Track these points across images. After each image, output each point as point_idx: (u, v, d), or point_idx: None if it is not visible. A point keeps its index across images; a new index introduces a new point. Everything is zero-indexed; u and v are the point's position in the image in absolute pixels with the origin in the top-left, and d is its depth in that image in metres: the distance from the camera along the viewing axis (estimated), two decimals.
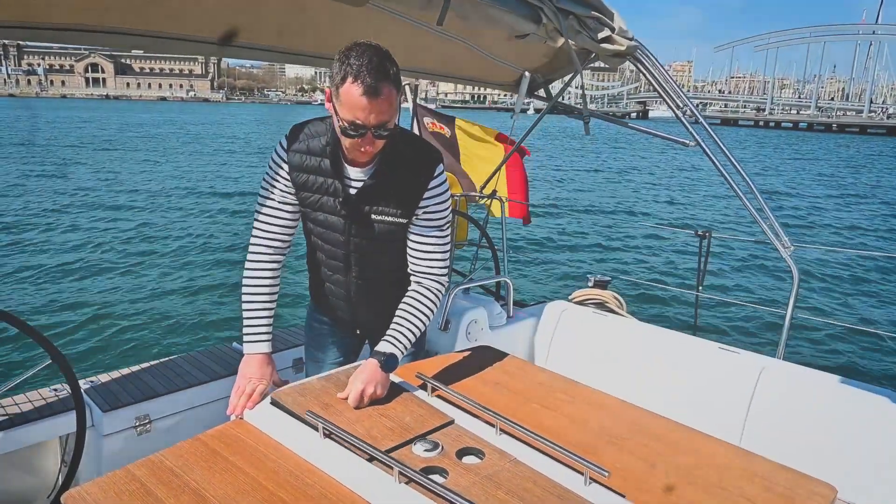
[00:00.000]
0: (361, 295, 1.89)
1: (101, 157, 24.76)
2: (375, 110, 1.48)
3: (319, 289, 1.97)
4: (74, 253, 9.96)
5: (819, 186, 23.60)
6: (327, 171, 1.68)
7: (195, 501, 1.20)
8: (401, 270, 1.84)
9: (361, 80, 1.45)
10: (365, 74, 1.44)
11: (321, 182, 1.70)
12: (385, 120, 1.52)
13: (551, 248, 11.67)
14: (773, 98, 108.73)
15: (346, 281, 1.87)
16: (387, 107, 1.50)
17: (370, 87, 1.45)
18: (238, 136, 41.36)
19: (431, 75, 2.97)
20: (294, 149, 1.71)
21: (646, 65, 2.67)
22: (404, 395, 1.63)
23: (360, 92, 1.45)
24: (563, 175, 23.74)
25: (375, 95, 1.46)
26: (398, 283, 1.87)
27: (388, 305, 1.90)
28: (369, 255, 1.81)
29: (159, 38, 2.03)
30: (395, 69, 1.51)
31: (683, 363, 2.55)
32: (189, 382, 2.43)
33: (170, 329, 6.85)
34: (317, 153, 1.69)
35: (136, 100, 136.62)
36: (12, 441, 2.04)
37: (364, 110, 1.48)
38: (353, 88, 1.46)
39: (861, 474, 2.10)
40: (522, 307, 3.19)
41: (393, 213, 1.71)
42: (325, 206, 1.73)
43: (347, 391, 1.58)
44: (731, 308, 7.74)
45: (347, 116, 1.50)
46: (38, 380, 2.17)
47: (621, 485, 1.30)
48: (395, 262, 1.84)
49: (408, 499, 1.21)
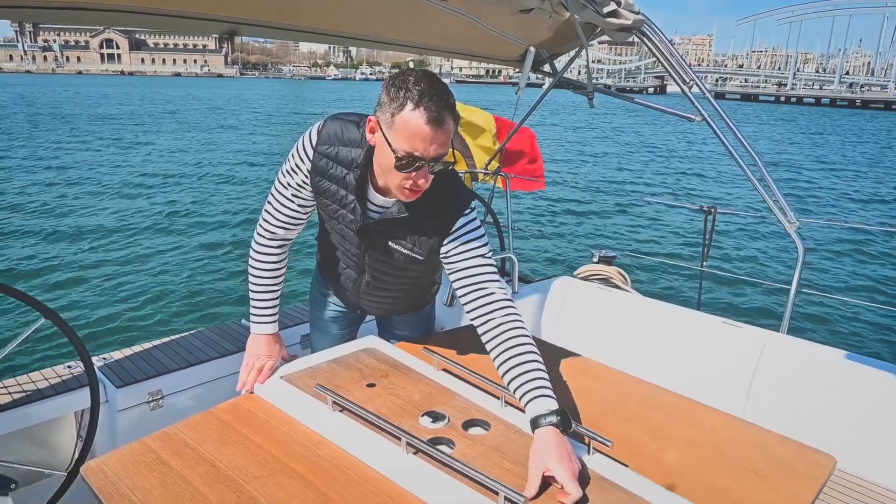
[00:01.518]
0: (370, 292, 1.85)
1: (109, 132, 24.76)
2: (437, 141, 1.36)
3: (328, 270, 1.92)
4: (88, 231, 10.09)
5: (833, 160, 23.35)
6: (351, 187, 1.55)
7: (209, 472, 1.24)
8: (420, 280, 1.81)
9: (425, 108, 1.32)
10: (428, 101, 1.32)
11: (342, 196, 1.58)
12: (444, 153, 1.40)
13: (556, 224, 11.66)
14: (794, 73, 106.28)
15: (358, 279, 1.81)
16: (447, 138, 1.38)
17: (435, 116, 1.33)
18: (257, 109, 41.20)
19: (435, 51, 2.94)
20: (322, 151, 1.56)
21: (652, 39, 2.64)
22: (413, 374, 1.65)
23: (425, 120, 1.32)
24: (568, 150, 23.57)
25: (440, 125, 1.34)
26: (414, 289, 1.87)
27: (396, 301, 1.91)
28: (385, 273, 1.75)
29: (171, 17, 2.02)
30: (453, 99, 1.39)
31: (687, 338, 2.57)
32: (200, 358, 2.48)
33: (182, 307, 6.94)
34: (345, 164, 1.54)
35: (150, 75, 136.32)
36: (30, 416, 2.10)
37: (425, 140, 1.35)
38: (415, 116, 1.33)
39: (862, 447, 2.13)
40: (527, 283, 3.21)
41: (410, 249, 1.61)
42: (343, 219, 1.63)
43: (535, 481, 1.20)
44: (735, 283, 7.75)
45: (405, 147, 1.35)
46: (53, 357, 2.22)
47: (624, 454, 1.33)
48: (412, 280, 1.81)
49: (416, 468, 1.24)
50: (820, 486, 1.29)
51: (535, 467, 1.22)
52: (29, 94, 54.29)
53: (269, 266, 1.75)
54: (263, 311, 1.75)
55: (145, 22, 1.98)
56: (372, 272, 1.75)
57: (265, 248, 1.74)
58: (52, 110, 35.66)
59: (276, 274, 1.77)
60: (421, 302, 2.01)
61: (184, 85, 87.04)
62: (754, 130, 36.57)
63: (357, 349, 1.77)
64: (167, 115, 34.68)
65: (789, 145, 28.57)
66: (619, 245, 10.22)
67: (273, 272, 1.76)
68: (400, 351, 1.75)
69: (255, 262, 1.75)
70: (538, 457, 1.23)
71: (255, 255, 1.75)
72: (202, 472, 1.24)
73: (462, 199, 1.57)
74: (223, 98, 56.63)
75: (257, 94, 66.70)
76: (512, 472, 1.24)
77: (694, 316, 2.62)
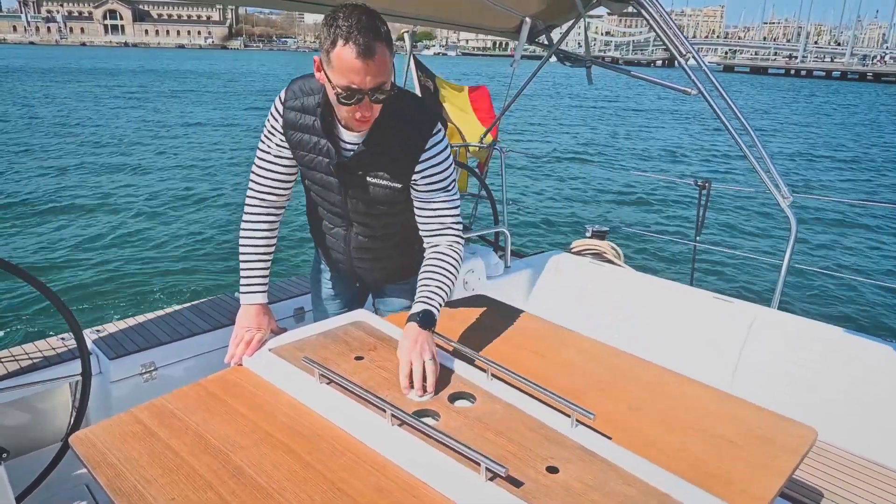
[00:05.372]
0: (362, 251, 1.88)
1: (104, 111, 24.54)
2: (371, 72, 1.41)
3: (321, 240, 1.96)
4: (84, 205, 10.12)
5: (829, 135, 23.21)
6: (321, 131, 1.63)
7: (196, 442, 1.26)
8: (405, 229, 1.82)
9: (354, 41, 1.37)
10: (357, 34, 1.37)
11: (315, 142, 1.66)
12: (382, 82, 1.45)
13: (550, 199, 11.63)
14: (805, 45, 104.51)
15: (347, 236, 1.85)
16: (382, 68, 1.43)
17: (363, 49, 1.37)
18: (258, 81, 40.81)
19: (429, 21, 2.90)
20: (290, 105, 1.66)
21: (649, 10, 2.60)
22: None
23: (355, 54, 1.37)
24: (563, 124, 23.40)
25: (370, 56, 1.39)
26: (403, 243, 1.87)
27: (389, 263, 1.93)
28: (369, 216, 1.78)
29: None
30: (386, 28, 1.44)
31: (678, 312, 2.58)
32: (192, 331, 2.49)
33: (175, 280, 6.96)
34: (311, 111, 1.63)
35: (154, 47, 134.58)
36: (24, 387, 2.11)
37: (359, 73, 1.40)
38: (345, 51, 1.38)
39: (848, 420, 2.15)
40: (520, 257, 3.21)
41: (388, 178, 1.66)
42: (320, 166, 1.69)
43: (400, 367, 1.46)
44: (729, 258, 7.77)
45: (342, 82, 1.42)
46: (48, 329, 2.23)
47: (606, 427, 1.35)
48: (397, 222, 1.82)
49: (400, 440, 1.25)
50: (799, 458, 1.31)
51: (398, 355, 1.49)
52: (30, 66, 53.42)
53: (259, 235, 1.79)
54: (252, 281, 1.77)
55: None
56: (357, 219, 1.79)
57: (255, 216, 1.79)
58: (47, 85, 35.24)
59: (265, 243, 1.80)
60: (412, 262, 1.98)
61: (187, 58, 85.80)
62: (748, 102, 36.27)
63: (346, 322, 1.78)
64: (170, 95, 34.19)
65: (787, 118, 28.37)
66: (614, 220, 10.21)
67: (263, 242, 1.79)
68: (389, 324, 1.76)
69: (245, 232, 1.79)
70: (398, 347, 1.51)
71: (246, 224, 1.80)
72: (189, 441, 1.26)
73: (428, 120, 1.64)
74: (230, 70, 55.93)
75: (262, 67, 65.84)
76: (495, 443, 1.26)
77: (685, 291, 2.63)
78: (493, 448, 1.23)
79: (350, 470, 1.19)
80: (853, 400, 2.19)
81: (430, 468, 1.18)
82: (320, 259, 2.08)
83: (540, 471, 1.18)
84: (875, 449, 2.09)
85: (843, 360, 2.22)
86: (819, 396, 2.24)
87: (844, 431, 2.12)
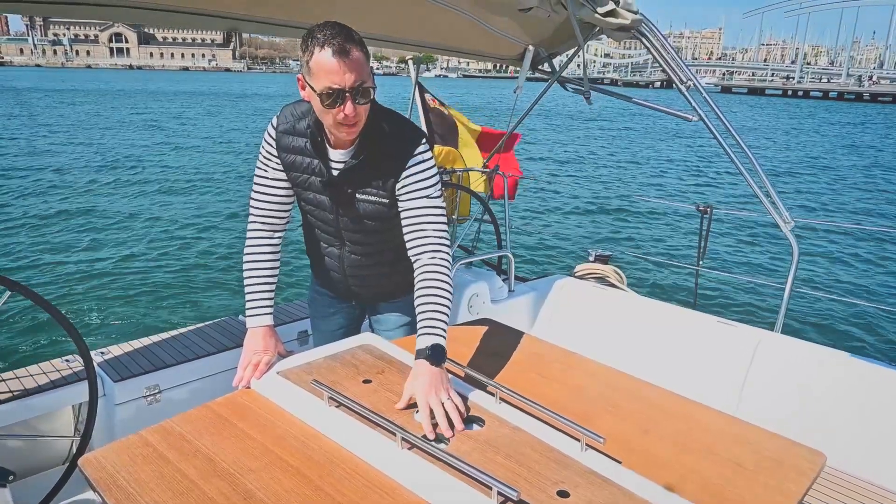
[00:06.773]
0: (355, 269, 1.93)
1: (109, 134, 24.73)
2: (349, 69, 1.48)
3: (317, 262, 2.02)
4: (89, 226, 10.15)
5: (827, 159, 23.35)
6: (312, 152, 1.71)
7: (205, 465, 1.25)
8: (398, 247, 1.83)
9: (329, 44, 1.46)
10: (331, 39, 1.46)
11: (308, 163, 1.73)
12: (361, 80, 1.51)
13: (553, 223, 11.66)
14: (802, 66, 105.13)
15: (341, 255, 1.91)
16: (359, 66, 1.50)
17: (338, 49, 1.46)
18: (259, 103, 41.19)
19: (436, 49, 2.96)
20: (282, 130, 1.74)
21: (650, 39, 2.65)
22: (408, 370, 1.65)
23: (330, 54, 1.46)
24: (565, 149, 23.55)
25: (346, 55, 1.47)
26: (394, 260, 1.91)
27: (383, 280, 1.97)
28: (360, 233, 1.84)
29: (177, 13, 2.03)
30: (359, 36, 1.53)
31: (682, 336, 2.58)
32: (197, 354, 2.50)
33: (179, 302, 6.96)
34: (302, 134, 1.72)
35: (159, 69, 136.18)
36: (28, 409, 2.12)
37: (338, 72, 1.48)
38: (322, 55, 1.47)
39: (854, 445, 2.15)
40: (524, 281, 3.23)
41: (376, 194, 1.73)
42: (313, 186, 1.77)
43: (402, 402, 1.46)
44: (731, 282, 7.77)
45: (323, 84, 1.49)
46: (52, 351, 2.23)
47: (615, 450, 1.35)
48: (389, 239, 1.86)
49: (410, 463, 1.25)
50: (809, 483, 1.31)
51: (405, 392, 1.47)
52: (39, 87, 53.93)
53: (263, 257, 1.83)
54: (258, 304, 1.80)
55: (145, 17, 1.99)
56: (349, 237, 1.85)
57: (257, 239, 1.84)
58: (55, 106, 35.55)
59: (269, 266, 1.84)
60: (406, 279, 1.97)
61: (197, 80, 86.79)
62: (746, 124, 36.55)
63: (353, 346, 1.78)
64: (172, 115, 34.48)
65: (788, 143, 28.56)
66: (616, 244, 10.24)
67: (266, 263, 1.84)
68: (396, 348, 1.76)
69: (248, 256, 1.84)
70: (409, 384, 1.48)
71: (249, 248, 1.85)
72: (198, 465, 1.26)
73: (413, 136, 1.71)
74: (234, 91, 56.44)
75: (262, 89, 66.54)
76: (505, 466, 1.26)
77: (689, 314, 2.64)
78: (503, 472, 1.23)
79: (361, 493, 1.19)
80: (859, 424, 2.18)
81: (442, 491, 1.18)
82: (318, 283, 2.13)
83: (551, 494, 1.18)
84: (881, 473, 2.08)
85: (849, 385, 2.22)
86: (825, 420, 2.23)
87: (851, 456, 2.11)
